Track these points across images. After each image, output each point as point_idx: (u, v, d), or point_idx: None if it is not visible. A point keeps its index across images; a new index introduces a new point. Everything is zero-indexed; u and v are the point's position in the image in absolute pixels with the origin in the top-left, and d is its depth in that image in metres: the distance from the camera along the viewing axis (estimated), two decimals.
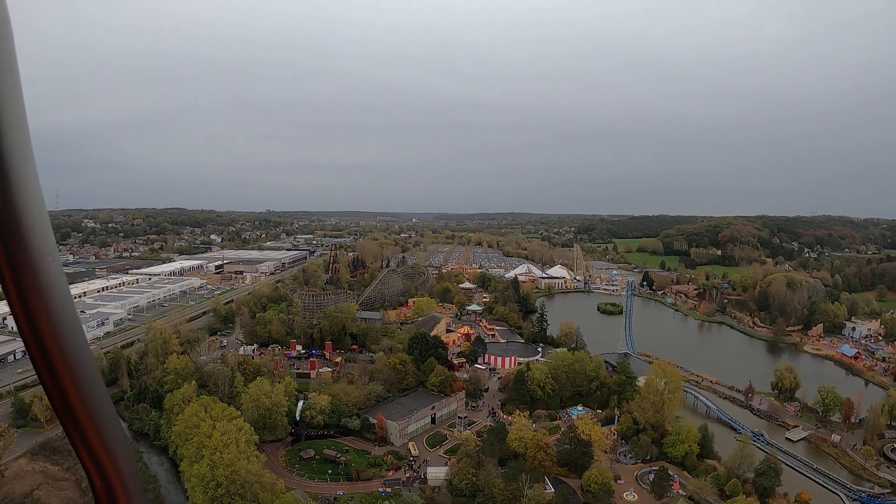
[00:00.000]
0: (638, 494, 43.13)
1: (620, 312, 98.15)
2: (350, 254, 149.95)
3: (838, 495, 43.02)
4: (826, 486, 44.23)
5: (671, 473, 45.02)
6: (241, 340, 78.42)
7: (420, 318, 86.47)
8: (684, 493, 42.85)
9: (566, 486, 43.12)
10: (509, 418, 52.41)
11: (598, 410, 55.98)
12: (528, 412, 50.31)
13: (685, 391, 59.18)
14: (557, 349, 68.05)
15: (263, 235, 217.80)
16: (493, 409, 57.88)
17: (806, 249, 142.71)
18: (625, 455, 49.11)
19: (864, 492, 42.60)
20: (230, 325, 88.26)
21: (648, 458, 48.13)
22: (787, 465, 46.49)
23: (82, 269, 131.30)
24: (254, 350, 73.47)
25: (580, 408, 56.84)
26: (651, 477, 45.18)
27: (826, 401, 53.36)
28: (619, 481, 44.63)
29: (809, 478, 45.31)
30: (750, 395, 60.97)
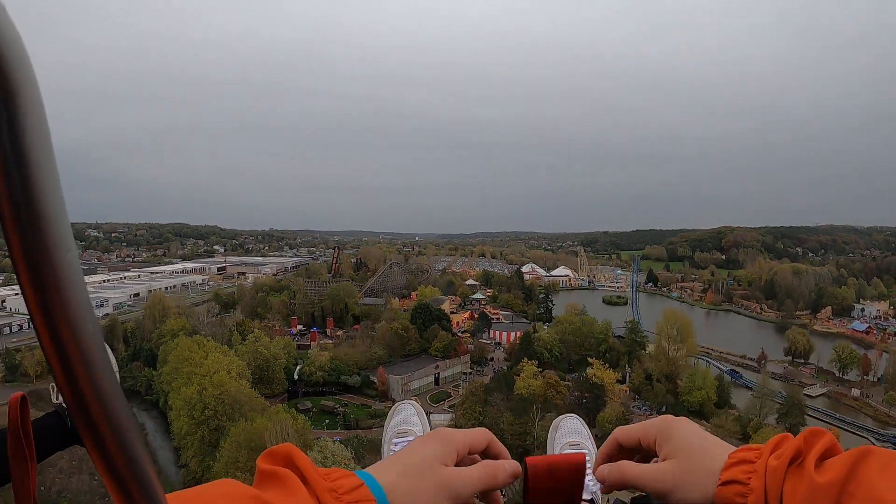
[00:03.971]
0: None
1: (625, 304, 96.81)
2: (353, 260, 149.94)
3: (867, 438, 40.80)
4: (853, 431, 42.04)
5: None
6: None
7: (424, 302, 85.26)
8: None
9: None
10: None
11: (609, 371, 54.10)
12: (536, 361, 48.58)
13: (698, 358, 57.44)
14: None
15: (266, 248, 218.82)
16: (498, 371, 56.03)
17: (809, 253, 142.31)
18: (639, 408, 47.03)
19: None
20: (231, 310, 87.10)
21: (664, 409, 46.01)
22: (809, 416, 44.38)
23: (84, 268, 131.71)
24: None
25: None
26: None
27: (842, 356, 51.51)
28: None
29: (834, 425, 43.08)
30: (763, 361, 59.04)
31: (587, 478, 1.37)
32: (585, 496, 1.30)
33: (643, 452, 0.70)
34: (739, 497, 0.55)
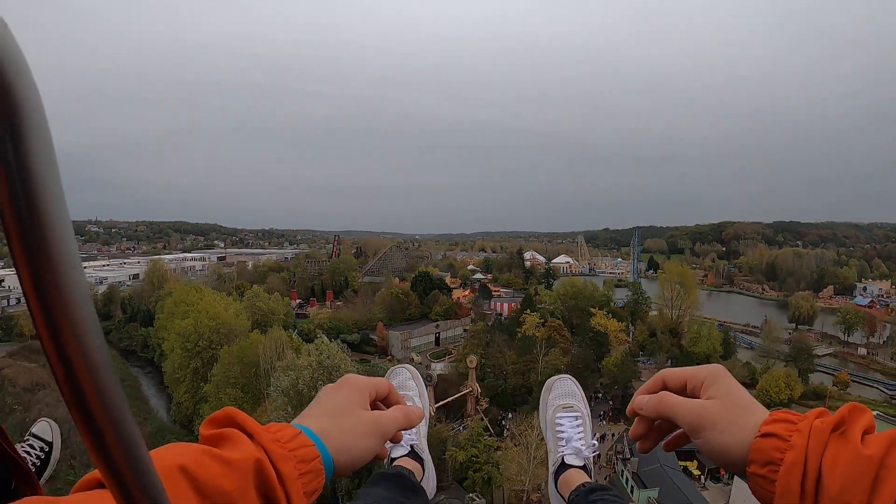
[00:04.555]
0: None
1: (626, 286, 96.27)
2: (353, 251, 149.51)
3: (878, 388, 40.15)
4: (864, 383, 41.32)
5: None
6: None
7: None
8: None
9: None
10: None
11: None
12: (538, 314, 47.90)
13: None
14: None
15: (267, 244, 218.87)
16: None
17: (809, 246, 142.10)
18: (644, 362, 46.36)
19: None
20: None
21: (668, 361, 45.33)
22: (819, 370, 43.65)
23: (83, 255, 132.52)
24: None
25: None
26: None
27: (847, 317, 50.75)
28: (640, 377, 41.88)
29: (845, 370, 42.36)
30: (766, 327, 58.35)
31: (580, 442, 1.41)
32: (577, 462, 1.38)
33: (686, 396, 0.67)
34: (777, 452, 0.54)
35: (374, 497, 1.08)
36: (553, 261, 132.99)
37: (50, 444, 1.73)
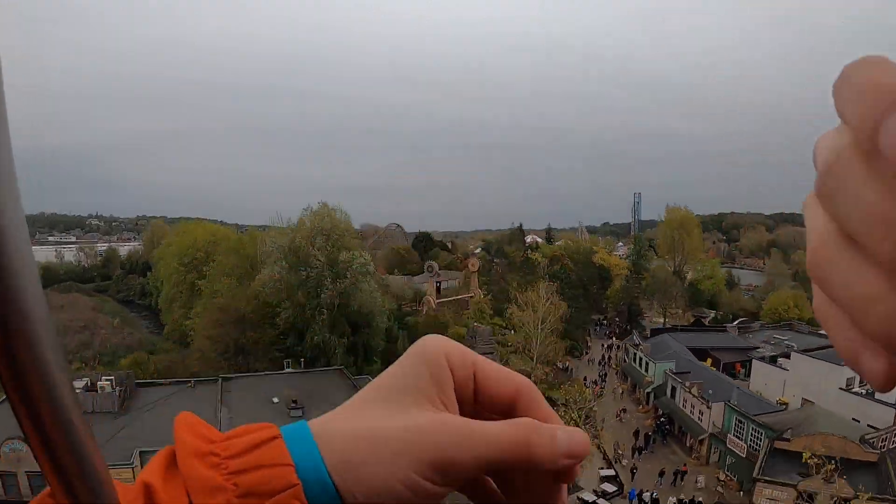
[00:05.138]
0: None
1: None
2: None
3: None
4: None
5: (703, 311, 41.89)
6: None
7: None
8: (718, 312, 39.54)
9: None
10: None
11: None
12: (540, 254, 47.42)
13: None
14: None
15: None
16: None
17: None
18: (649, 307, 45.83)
19: None
20: None
21: (674, 303, 44.82)
22: None
23: (83, 241, 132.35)
24: None
25: None
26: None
27: None
28: (645, 314, 41.35)
29: None
30: (772, 283, 57.84)
31: None
32: None
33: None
34: None
35: None
36: (555, 243, 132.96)
37: None
